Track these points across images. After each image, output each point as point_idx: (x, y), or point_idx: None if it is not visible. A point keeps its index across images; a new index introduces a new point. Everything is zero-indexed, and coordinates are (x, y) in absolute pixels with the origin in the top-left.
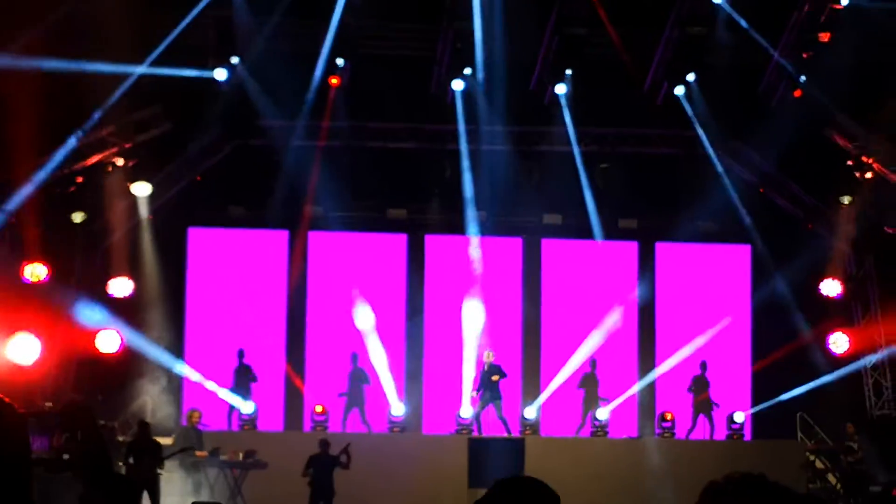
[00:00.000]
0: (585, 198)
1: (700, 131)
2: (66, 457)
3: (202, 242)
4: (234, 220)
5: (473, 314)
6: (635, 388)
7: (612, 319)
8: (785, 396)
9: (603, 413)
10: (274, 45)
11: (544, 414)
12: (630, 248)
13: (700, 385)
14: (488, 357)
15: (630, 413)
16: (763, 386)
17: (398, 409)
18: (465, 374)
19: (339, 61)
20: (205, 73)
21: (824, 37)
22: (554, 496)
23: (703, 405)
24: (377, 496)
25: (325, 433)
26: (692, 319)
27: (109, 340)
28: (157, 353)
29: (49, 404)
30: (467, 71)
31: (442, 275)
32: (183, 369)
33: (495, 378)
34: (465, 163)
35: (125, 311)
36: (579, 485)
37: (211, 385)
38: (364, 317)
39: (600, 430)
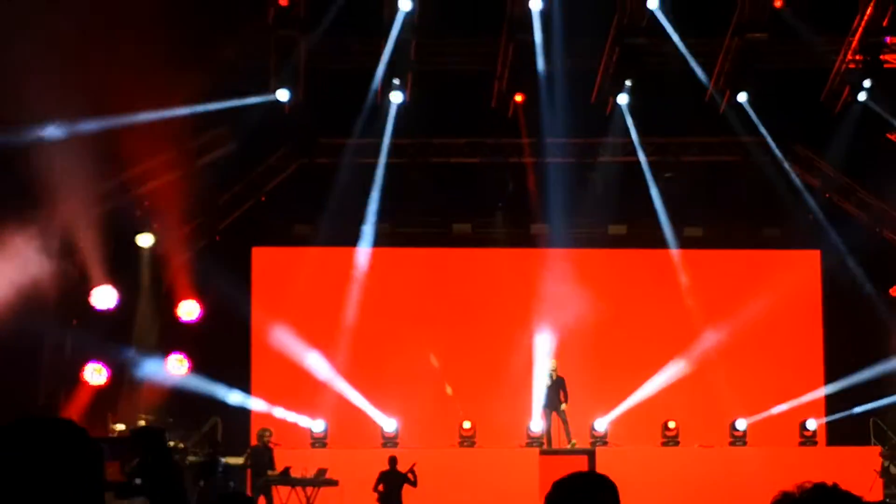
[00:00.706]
0: (650, 207)
1: (766, 136)
2: (137, 482)
3: (267, 262)
4: (300, 238)
5: (541, 327)
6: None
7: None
8: (858, 409)
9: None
10: (334, 64)
11: (613, 426)
12: (696, 256)
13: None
14: (553, 366)
15: (701, 421)
16: (836, 392)
17: (466, 423)
18: (535, 386)
19: (396, 80)
20: (267, 97)
21: (890, 40)
22: (611, 487)
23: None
24: None
25: (394, 449)
26: (763, 327)
27: (178, 363)
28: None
29: (120, 427)
30: (528, 84)
31: (507, 288)
32: (249, 398)
33: (557, 387)
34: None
35: (192, 332)
36: (651, 495)
37: (278, 411)
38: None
39: (671, 439)
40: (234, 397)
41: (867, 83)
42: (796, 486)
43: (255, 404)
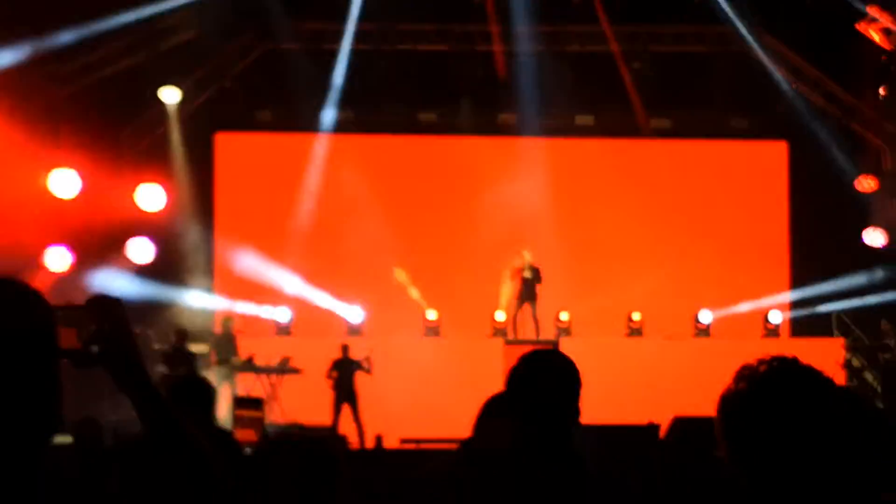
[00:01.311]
0: (618, 97)
1: (738, 25)
2: (94, 350)
3: (230, 148)
4: (263, 124)
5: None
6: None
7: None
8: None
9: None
10: None
11: (577, 317)
12: (663, 147)
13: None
14: (527, 257)
15: (666, 313)
16: (800, 284)
17: (432, 313)
18: (503, 276)
19: None
20: None
21: None
22: (572, 368)
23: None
24: (408, 400)
25: (358, 338)
26: (728, 217)
27: (141, 249)
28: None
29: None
30: None
31: (473, 177)
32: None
33: (533, 280)
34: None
35: (156, 218)
36: (615, 385)
37: (242, 302)
38: None
39: (635, 330)
40: (197, 284)
41: None
42: (757, 360)
43: (219, 292)
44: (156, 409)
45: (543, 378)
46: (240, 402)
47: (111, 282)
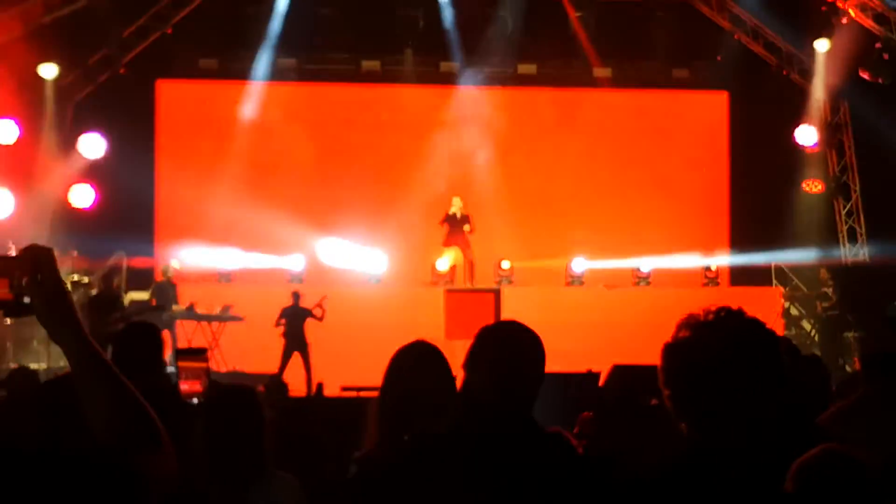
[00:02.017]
0: (560, 47)
1: None
2: (26, 300)
3: (172, 95)
4: (206, 71)
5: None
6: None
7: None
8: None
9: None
10: None
11: (519, 265)
12: (605, 97)
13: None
14: (457, 203)
15: (608, 263)
16: (739, 234)
17: (377, 264)
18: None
19: None
20: None
21: None
22: (535, 339)
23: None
24: (353, 347)
25: (300, 285)
26: (669, 167)
27: (82, 195)
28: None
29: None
30: None
31: (416, 126)
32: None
33: (466, 228)
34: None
35: (97, 166)
36: (555, 333)
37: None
38: None
39: (575, 279)
40: (139, 233)
41: None
42: (702, 310)
43: (160, 239)
44: (89, 359)
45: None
46: (182, 353)
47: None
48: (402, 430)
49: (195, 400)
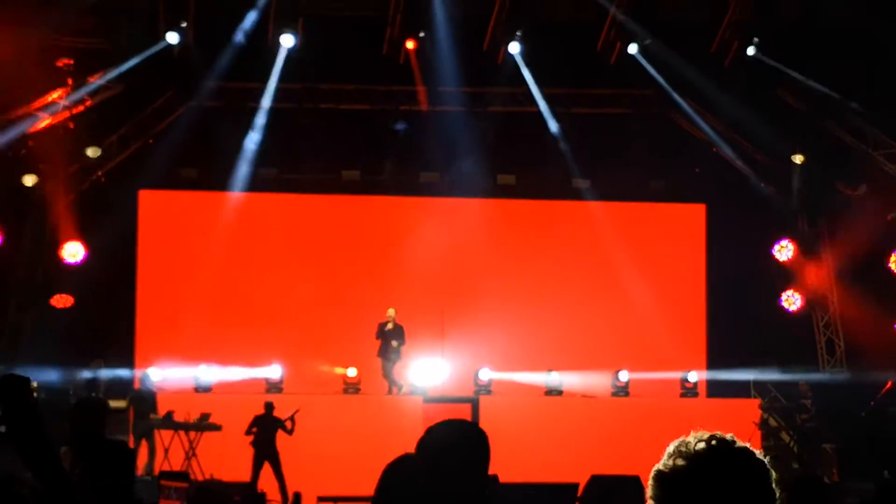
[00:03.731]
0: (539, 158)
1: (664, 85)
2: (1, 430)
3: (154, 205)
4: (187, 181)
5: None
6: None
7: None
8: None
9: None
10: (225, 6)
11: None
12: (583, 208)
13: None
14: (390, 314)
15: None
16: (717, 345)
17: (352, 370)
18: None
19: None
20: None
21: None
22: (480, 435)
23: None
24: (330, 455)
25: (276, 395)
26: (646, 279)
27: (62, 301)
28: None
29: None
30: (420, 32)
31: (394, 236)
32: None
33: (395, 344)
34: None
35: (78, 274)
36: (534, 443)
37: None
38: None
39: (553, 389)
40: (118, 341)
41: (756, 38)
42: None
43: (140, 348)
44: (60, 489)
45: (452, 455)
46: (166, 476)
47: None
48: None
49: None
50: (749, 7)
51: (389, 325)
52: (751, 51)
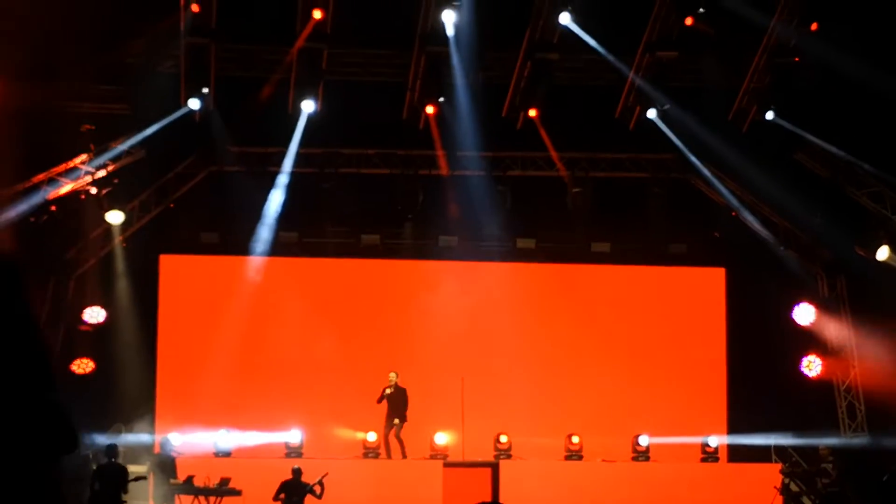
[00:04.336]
0: (558, 222)
1: (684, 149)
2: None
3: (175, 269)
4: (208, 246)
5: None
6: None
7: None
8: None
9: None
10: (245, 72)
11: (516, 439)
12: (603, 272)
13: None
14: (392, 378)
15: (606, 436)
16: (737, 410)
17: (371, 434)
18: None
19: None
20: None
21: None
22: None
23: None
24: None
25: (298, 460)
26: (666, 342)
27: (82, 366)
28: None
29: None
30: (440, 97)
31: (415, 300)
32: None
33: (398, 400)
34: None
35: (98, 338)
36: None
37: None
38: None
39: (574, 454)
40: (139, 405)
41: (774, 104)
42: None
43: (160, 413)
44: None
45: None
46: None
47: None
48: None
49: None
50: (766, 74)
51: (389, 390)
52: (769, 115)
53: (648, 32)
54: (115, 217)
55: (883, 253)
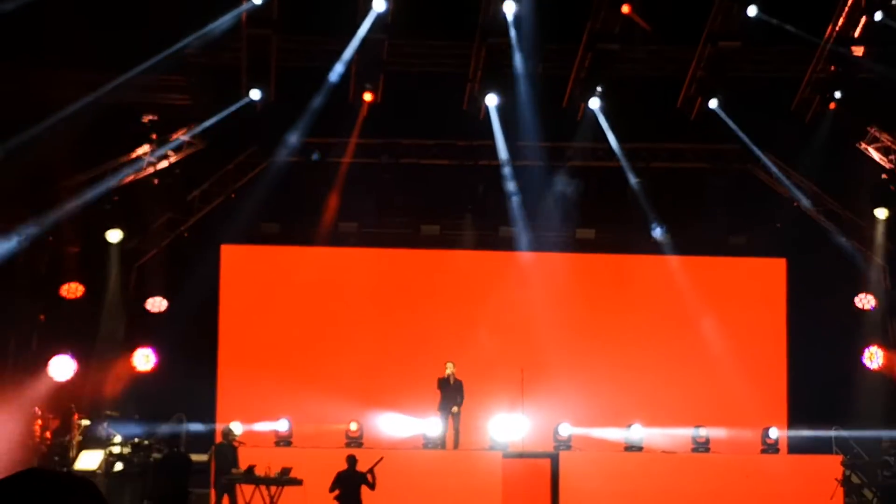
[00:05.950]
0: (618, 212)
1: (745, 139)
2: None
3: (236, 259)
4: (268, 236)
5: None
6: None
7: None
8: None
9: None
10: (306, 63)
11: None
12: (663, 262)
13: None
14: (449, 369)
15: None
16: (798, 401)
17: (436, 424)
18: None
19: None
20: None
21: (858, 51)
22: None
23: None
24: None
25: (356, 449)
26: (726, 333)
27: (145, 358)
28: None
29: (86, 422)
30: (500, 87)
31: (475, 290)
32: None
33: (456, 405)
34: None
35: (160, 328)
36: (613, 500)
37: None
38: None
39: (634, 445)
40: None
41: (838, 93)
42: None
43: (221, 402)
44: None
45: None
46: None
47: None
48: None
49: None
50: (829, 64)
51: (451, 380)
52: (832, 106)
53: (710, 22)
54: (114, 236)
55: None
